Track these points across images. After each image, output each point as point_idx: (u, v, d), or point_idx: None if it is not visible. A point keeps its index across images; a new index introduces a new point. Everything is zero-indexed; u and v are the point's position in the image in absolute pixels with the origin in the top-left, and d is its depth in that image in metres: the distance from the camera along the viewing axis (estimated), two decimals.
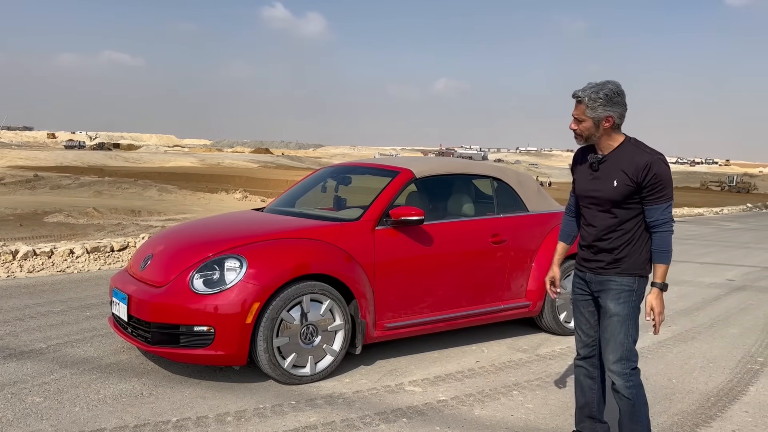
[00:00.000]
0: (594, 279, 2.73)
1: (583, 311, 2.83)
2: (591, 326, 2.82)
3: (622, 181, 2.58)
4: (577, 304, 2.86)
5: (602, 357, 2.72)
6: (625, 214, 2.62)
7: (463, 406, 3.48)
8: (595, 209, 2.70)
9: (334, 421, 3.21)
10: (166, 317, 3.55)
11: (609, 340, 2.65)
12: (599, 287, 2.71)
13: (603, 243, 2.68)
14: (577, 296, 2.86)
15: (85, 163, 53.72)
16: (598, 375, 2.86)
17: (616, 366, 2.63)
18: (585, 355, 2.87)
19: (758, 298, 6.75)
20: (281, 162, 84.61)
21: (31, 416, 3.12)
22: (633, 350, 2.65)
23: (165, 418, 3.16)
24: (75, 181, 31.23)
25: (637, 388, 2.64)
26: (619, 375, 2.63)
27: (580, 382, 2.92)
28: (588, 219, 2.75)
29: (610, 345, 2.65)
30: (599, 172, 2.67)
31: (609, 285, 2.67)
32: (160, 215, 19.88)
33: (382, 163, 4.88)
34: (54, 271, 6.82)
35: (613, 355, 2.64)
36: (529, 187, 5.06)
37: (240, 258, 3.62)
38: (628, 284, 2.64)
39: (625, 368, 2.62)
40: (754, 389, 3.90)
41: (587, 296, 2.80)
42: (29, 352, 4.06)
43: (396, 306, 4.11)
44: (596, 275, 2.72)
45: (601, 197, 2.65)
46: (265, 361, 3.58)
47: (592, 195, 2.69)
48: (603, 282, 2.69)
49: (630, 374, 2.62)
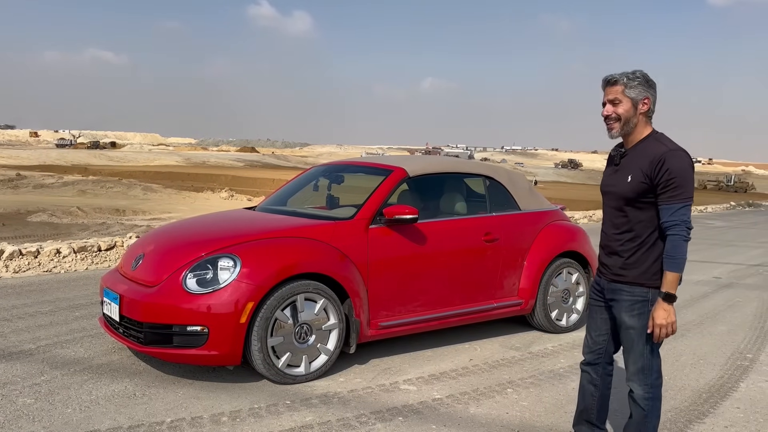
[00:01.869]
0: (607, 286, 2.62)
1: (596, 317, 2.74)
2: (601, 333, 2.73)
3: (636, 176, 2.44)
4: (592, 308, 2.77)
5: (624, 365, 2.61)
6: (637, 214, 2.48)
7: (459, 404, 3.49)
8: (609, 207, 2.60)
9: (329, 420, 3.19)
10: (158, 317, 3.52)
11: (629, 351, 2.56)
12: (612, 296, 2.61)
13: (614, 245, 2.58)
14: (592, 300, 2.77)
15: (69, 162, 53.17)
16: (601, 383, 2.79)
17: (637, 376, 2.54)
18: (590, 361, 2.79)
19: (745, 295, 6.83)
20: (267, 161, 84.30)
21: (23, 418, 3.07)
22: (655, 361, 2.55)
23: (159, 418, 3.13)
24: (58, 180, 30.90)
25: (654, 401, 2.55)
26: (639, 384, 2.54)
27: (582, 387, 2.85)
28: (604, 218, 2.66)
29: (630, 355, 2.56)
30: (619, 167, 2.55)
31: (621, 295, 2.55)
32: (145, 214, 19.73)
33: (374, 161, 4.87)
34: (41, 271, 6.73)
35: (633, 365, 2.55)
36: (521, 186, 5.08)
37: (234, 257, 3.59)
38: (641, 295, 2.50)
39: (647, 379, 2.53)
40: (744, 385, 3.94)
41: (602, 302, 2.70)
42: (18, 353, 4.00)
43: (390, 305, 4.11)
44: (609, 282, 2.61)
45: (615, 193, 2.54)
46: (260, 361, 3.55)
47: (608, 190, 2.60)
48: (615, 291, 2.58)
49: (651, 385, 2.53)
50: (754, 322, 5.59)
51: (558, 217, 5.20)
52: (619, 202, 2.53)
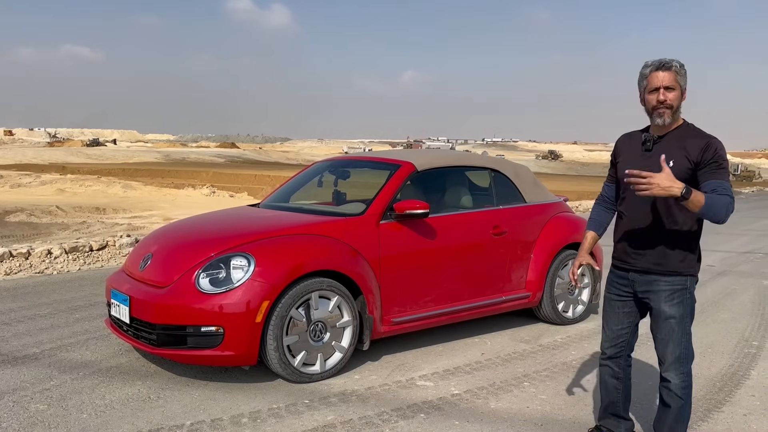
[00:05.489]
0: (639, 279, 2.58)
1: (619, 311, 2.70)
2: (624, 327, 2.70)
3: (680, 161, 2.41)
4: (612, 303, 2.72)
5: (658, 357, 2.60)
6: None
7: (478, 399, 3.47)
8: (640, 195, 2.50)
9: (351, 419, 3.15)
10: (171, 318, 3.45)
11: (667, 341, 2.54)
12: (646, 288, 2.57)
13: (648, 235, 2.52)
14: (613, 295, 2.72)
15: (46, 161, 52.24)
16: (623, 375, 2.78)
17: (674, 366, 2.53)
18: (611, 355, 2.76)
19: (740, 282, 6.91)
20: (248, 156, 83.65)
21: (38, 425, 2.99)
22: (691, 348, 2.56)
23: (178, 421, 3.07)
24: (36, 179, 30.33)
25: (690, 389, 2.57)
26: (676, 374, 2.53)
27: (604, 382, 2.82)
28: (631, 206, 2.57)
29: (669, 346, 2.54)
30: (652, 152, 2.49)
31: (659, 286, 2.52)
32: (126, 212, 19.44)
33: (381, 156, 4.82)
34: (32, 272, 6.58)
35: (671, 355, 2.54)
36: (526, 178, 5.06)
37: (247, 256, 3.52)
38: (680, 283, 2.50)
39: (683, 368, 2.53)
40: (755, 373, 3.98)
41: (627, 297, 2.66)
42: (23, 357, 3.90)
43: (402, 300, 4.07)
44: (642, 275, 2.57)
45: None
46: (276, 360, 3.50)
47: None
48: (651, 282, 2.54)
49: (687, 374, 2.54)
50: (754, 309, 5.66)
51: (562, 209, 5.20)
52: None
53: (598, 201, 2.87)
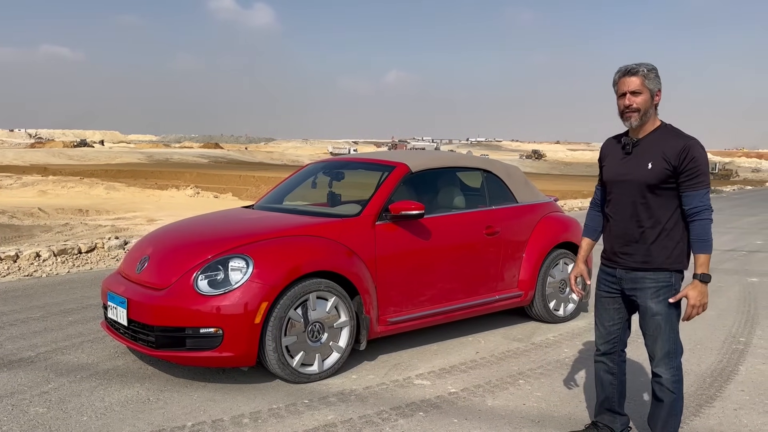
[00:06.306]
0: (626, 276, 2.65)
1: (608, 308, 2.78)
2: (615, 323, 2.77)
3: (657, 163, 2.49)
4: (602, 300, 2.79)
5: (648, 353, 2.66)
6: (658, 201, 2.54)
7: (475, 397, 3.51)
8: (624, 195, 2.62)
9: (352, 418, 3.19)
10: (170, 320, 3.46)
11: (655, 338, 2.60)
12: (632, 285, 2.64)
13: (633, 233, 2.60)
14: (603, 292, 2.79)
15: (27, 162, 51.59)
16: (618, 370, 2.84)
17: (664, 361, 2.60)
18: (605, 351, 2.83)
19: (725, 280, 7.04)
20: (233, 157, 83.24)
21: (39, 428, 2.98)
22: (679, 343, 2.62)
23: (179, 423, 3.08)
24: (17, 181, 29.95)
25: (680, 383, 2.62)
26: (666, 368, 2.60)
27: (600, 378, 2.88)
28: (616, 207, 2.66)
29: (657, 342, 2.60)
30: (631, 155, 2.59)
31: (644, 283, 2.60)
32: (109, 214, 19.29)
33: (375, 158, 4.86)
34: (21, 275, 6.53)
35: (660, 351, 2.60)
36: (517, 179, 5.13)
37: (245, 257, 3.54)
38: (665, 280, 2.57)
39: (673, 363, 2.59)
40: (744, 368, 4.07)
41: (615, 293, 2.74)
42: (18, 361, 3.89)
43: (398, 300, 4.11)
44: (628, 272, 2.64)
45: (634, 180, 2.56)
46: (274, 361, 3.52)
47: (622, 179, 2.61)
48: (637, 279, 2.62)
49: (677, 368, 2.60)
50: (740, 306, 5.77)
51: (552, 209, 5.27)
52: (640, 188, 2.57)
53: (592, 205, 2.95)
